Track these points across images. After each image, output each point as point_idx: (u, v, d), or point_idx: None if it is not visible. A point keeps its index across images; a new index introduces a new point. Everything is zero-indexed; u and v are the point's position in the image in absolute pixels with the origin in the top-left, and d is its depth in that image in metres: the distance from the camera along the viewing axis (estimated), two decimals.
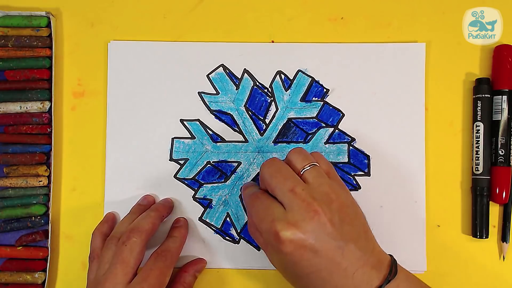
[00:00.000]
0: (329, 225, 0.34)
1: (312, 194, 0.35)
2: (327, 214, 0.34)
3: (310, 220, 0.34)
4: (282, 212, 0.35)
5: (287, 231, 0.34)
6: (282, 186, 0.36)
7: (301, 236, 0.34)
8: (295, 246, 0.34)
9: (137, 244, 0.39)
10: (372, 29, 0.46)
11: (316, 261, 0.34)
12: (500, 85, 0.44)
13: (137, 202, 0.45)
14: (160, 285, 0.38)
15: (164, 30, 0.46)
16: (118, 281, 0.37)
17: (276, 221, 0.34)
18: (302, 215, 0.34)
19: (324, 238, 0.34)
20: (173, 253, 0.41)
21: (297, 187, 0.35)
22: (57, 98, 0.46)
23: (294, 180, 0.36)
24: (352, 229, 0.35)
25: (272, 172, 0.37)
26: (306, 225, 0.34)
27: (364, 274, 0.34)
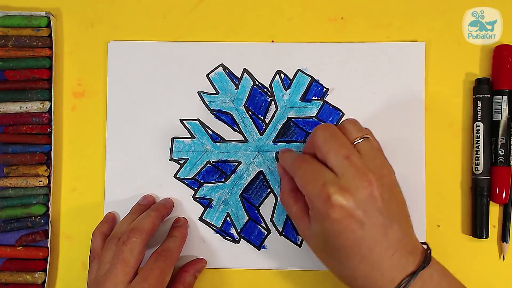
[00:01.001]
0: (380, 199, 0.33)
1: (367, 165, 0.34)
2: (379, 188, 0.33)
3: (364, 190, 0.33)
4: (335, 177, 0.34)
5: (339, 195, 0.33)
6: (337, 152, 0.34)
7: (352, 204, 0.33)
8: (344, 214, 0.33)
9: (138, 244, 0.39)
10: (372, 29, 0.46)
11: (360, 234, 0.33)
12: (500, 85, 0.44)
13: (137, 202, 0.45)
14: (161, 285, 0.38)
15: (164, 30, 0.46)
16: (119, 281, 0.37)
17: (329, 184, 0.33)
18: (356, 183, 0.33)
19: (372, 212, 0.33)
20: (174, 253, 0.41)
21: (352, 155, 0.34)
22: (57, 98, 0.46)
23: (350, 148, 0.35)
24: (398, 210, 0.35)
25: (328, 137, 0.36)
26: (359, 194, 0.33)
27: (402, 257, 0.34)
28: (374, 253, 0.33)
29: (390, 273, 0.34)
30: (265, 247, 0.45)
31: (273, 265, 0.45)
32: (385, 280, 0.34)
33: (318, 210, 0.34)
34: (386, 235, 0.33)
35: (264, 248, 0.45)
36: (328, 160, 0.35)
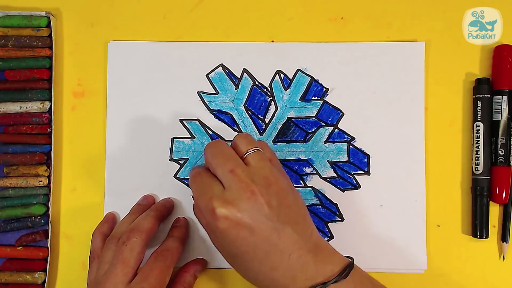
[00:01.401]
0: (266, 206, 0.35)
1: (251, 176, 0.36)
2: (265, 196, 0.35)
3: (247, 200, 0.35)
4: (221, 191, 0.36)
5: (222, 208, 0.34)
6: (223, 166, 0.36)
7: (236, 214, 0.34)
8: (230, 223, 0.34)
9: (137, 244, 0.39)
10: (372, 29, 0.46)
11: (252, 240, 0.35)
12: (500, 85, 0.44)
13: (137, 202, 0.45)
14: (161, 285, 0.38)
15: (164, 30, 0.46)
16: (118, 281, 0.37)
17: (214, 199, 0.35)
18: (240, 194, 0.35)
19: (260, 218, 0.35)
20: (173, 253, 0.41)
21: (237, 168, 0.36)
22: (57, 98, 0.46)
23: (235, 162, 0.37)
24: (290, 213, 0.36)
25: (215, 152, 0.38)
26: (243, 204, 0.34)
27: (300, 257, 0.35)
28: (271, 256, 0.35)
29: (290, 272, 0.35)
30: None
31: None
32: (286, 280, 0.35)
33: (207, 223, 0.36)
34: (280, 238, 0.35)
35: None
36: (217, 174, 0.37)
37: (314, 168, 0.45)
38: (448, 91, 0.45)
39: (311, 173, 0.45)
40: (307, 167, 0.45)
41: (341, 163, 0.45)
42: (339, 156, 0.45)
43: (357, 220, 0.44)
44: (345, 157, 0.45)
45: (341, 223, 0.44)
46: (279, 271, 0.35)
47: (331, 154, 0.45)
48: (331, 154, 0.45)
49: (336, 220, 0.45)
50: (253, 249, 0.35)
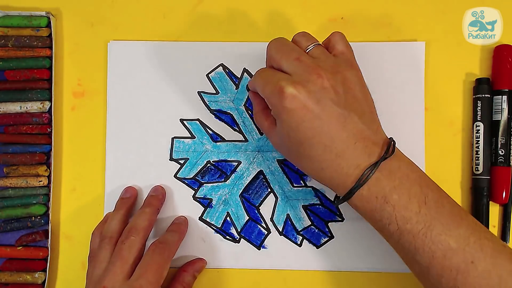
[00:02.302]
0: (332, 91, 0.35)
1: (317, 63, 0.36)
2: (331, 80, 0.35)
3: (314, 82, 0.35)
4: (288, 76, 0.36)
5: (290, 87, 0.34)
6: (288, 56, 0.36)
7: (304, 93, 0.34)
8: (297, 103, 0.34)
9: (136, 242, 0.39)
10: (372, 29, 0.46)
11: (318, 123, 0.35)
12: (500, 85, 0.44)
13: (120, 196, 0.45)
14: (158, 280, 0.38)
15: (164, 30, 0.46)
16: (117, 278, 0.37)
17: (282, 80, 0.35)
18: (306, 77, 0.35)
19: (326, 102, 0.35)
20: (171, 246, 0.41)
21: (302, 56, 0.36)
22: (57, 98, 0.46)
23: (300, 52, 0.37)
24: (356, 103, 0.36)
25: (279, 46, 0.38)
26: (310, 85, 0.35)
27: (366, 147, 0.35)
28: (336, 141, 0.35)
29: (355, 161, 0.35)
30: (265, 247, 0.45)
31: (273, 265, 0.45)
32: (350, 168, 0.35)
33: (275, 106, 0.36)
34: (345, 124, 0.35)
35: (264, 248, 0.45)
36: (281, 67, 0.37)
37: None
38: (448, 91, 0.45)
39: None
40: None
41: None
42: None
43: (357, 220, 0.44)
44: None
45: (341, 223, 0.45)
46: (344, 158, 0.35)
47: None
48: None
49: (336, 220, 0.45)
50: (318, 133, 0.35)
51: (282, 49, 0.37)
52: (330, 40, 0.40)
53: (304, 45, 0.38)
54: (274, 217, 0.45)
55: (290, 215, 0.45)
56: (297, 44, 0.39)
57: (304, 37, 0.39)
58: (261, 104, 0.41)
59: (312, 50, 0.38)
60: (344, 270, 0.44)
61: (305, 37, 0.39)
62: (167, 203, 0.45)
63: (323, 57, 0.37)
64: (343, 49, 0.39)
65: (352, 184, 0.35)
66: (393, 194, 0.34)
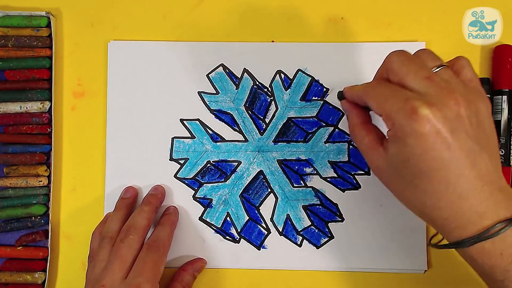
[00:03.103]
0: (467, 121, 0.31)
1: (451, 86, 0.31)
2: (467, 110, 0.31)
3: (450, 108, 0.30)
4: (418, 94, 0.31)
5: (426, 108, 0.30)
6: (416, 73, 0.32)
7: (440, 118, 0.30)
8: (431, 128, 0.29)
9: (135, 241, 0.39)
10: (372, 29, 0.46)
11: (447, 155, 0.30)
12: (500, 85, 0.44)
13: (120, 196, 0.45)
14: (155, 277, 0.38)
15: (164, 30, 0.46)
16: (115, 277, 0.37)
17: (413, 99, 0.30)
18: (443, 100, 0.30)
19: (460, 133, 0.30)
20: (165, 242, 0.41)
21: (434, 76, 0.32)
22: (57, 98, 0.46)
23: (429, 70, 0.32)
24: (486, 139, 0.32)
25: (404, 60, 0.33)
26: (447, 111, 0.30)
27: (492, 193, 0.31)
28: (462, 180, 0.30)
29: (480, 207, 0.31)
30: (265, 247, 0.45)
31: (273, 265, 0.45)
32: (473, 214, 0.31)
33: (400, 126, 0.31)
34: (475, 163, 0.30)
35: (264, 248, 0.45)
36: (406, 82, 0.32)
37: (314, 168, 0.45)
38: None
39: (311, 173, 0.45)
40: (308, 167, 0.45)
41: (342, 163, 0.45)
42: (339, 156, 0.45)
43: (357, 220, 0.44)
44: (345, 157, 0.45)
45: (341, 223, 0.45)
46: (468, 201, 0.31)
47: (331, 154, 0.45)
48: (331, 154, 0.45)
49: (336, 220, 0.45)
50: (445, 166, 0.30)
51: (409, 64, 0.32)
52: (455, 64, 0.34)
53: (430, 64, 0.33)
54: (274, 217, 0.45)
55: (290, 215, 0.45)
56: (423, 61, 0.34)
57: (430, 55, 0.34)
58: (362, 117, 0.37)
59: (440, 72, 0.33)
60: (344, 270, 0.44)
61: (432, 55, 0.34)
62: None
63: (453, 81, 0.32)
64: (472, 76, 0.34)
65: (473, 233, 0.31)
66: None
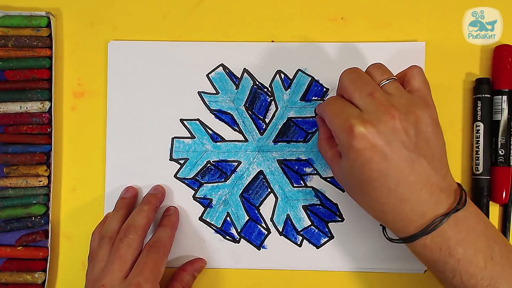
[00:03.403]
0: (403, 133, 0.34)
1: (390, 101, 0.35)
2: (403, 121, 0.34)
3: (386, 122, 0.34)
4: (359, 112, 0.35)
5: (361, 126, 0.33)
6: (361, 90, 0.35)
7: (374, 134, 0.33)
8: (366, 144, 0.33)
9: (134, 241, 0.39)
10: (372, 29, 0.46)
11: (384, 165, 0.34)
12: (500, 85, 0.44)
13: (120, 196, 0.45)
14: (155, 277, 0.38)
15: (164, 30, 0.46)
16: (115, 277, 0.37)
17: (352, 117, 0.34)
18: (379, 116, 0.34)
19: (396, 145, 0.34)
20: (166, 243, 0.41)
21: (376, 92, 0.35)
22: (57, 98, 0.46)
23: (374, 86, 0.36)
24: (427, 146, 0.35)
25: (353, 77, 0.37)
26: (381, 126, 0.33)
27: (433, 194, 0.34)
28: (401, 186, 0.34)
29: (420, 208, 0.34)
30: (265, 247, 0.45)
31: (273, 265, 0.45)
32: (414, 215, 0.34)
33: (343, 142, 0.35)
34: (413, 169, 0.34)
35: (264, 248, 0.45)
36: (353, 99, 0.36)
37: (314, 168, 0.45)
38: (448, 91, 0.45)
39: (311, 173, 0.45)
40: (308, 167, 0.45)
41: None
42: None
43: (357, 220, 0.44)
44: None
45: (341, 223, 0.45)
46: (408, 204, 0.34)
47: None
48: None
49: (336, 220, 0.45)
50: (384, 175, 0.34)
51: (356, 81, 0.36)
52: (406, 74, 0.38)
53: (378, 78, 0.37)
54: (274, 217, 0.45)
55: (290, 215, 0.45)
56: (372, 76, 0.37)
57: (379, 69, 0.38)
58: (327, 133, 0.40)
59: (387, 85, 0.36)
60: (344, 270, 0.44)
61: (380, 69, 0.38)
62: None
63: (397, 93, 0.36)
64: (419, 85, 0.37)
65: (415, 231, 0.34)
66: (458, 247, 0.33)
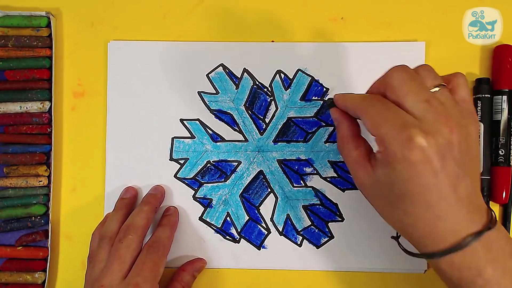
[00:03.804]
0: (457, 148, 0.32)
1: (448, 111, 0.32)
2: (458, 136, 0.32)
3: (444, 136, 0.31)
4: (415, 120, 0.32)
5: (422, 138, 0.31)
6: (416, 95, 0.32)
7: (433, 148, 0.31)
8: (423, 158, 0.31)
9: (134, 241, 0.39)
10: (372, 29, 0.46)
11: (433, 181, 0.31)
12: (500, 85, 0.44)
13: (119, 196, 0.45)
14: (155, 277, 0.38)
15: (164, 30, 0.46)
16: (114, 277, 0.37)
17: (411, 126, 0.31)
18: (438, 128, 0.31)
19: (448, 160, 0.31)
20: (165, 243, 0.41)
21: (433, 100, 0.32)
22: (57, 98, 0.46)
23: (429, 92, 0.33)
24: (472, 163, 0.33)
25: (406, 78, 0.33)
26: (441, 140, 0.31)
27: (469, 213, 0.32)
28: (442, 203, 0.32)
29: (455, 226, 0.32)
30: (265, 247, 0.45)
31: (273, 265, 0.45)
32: (448, 233, 0.32)
33: (393, 152, 0.32)
34: (457, 187, 0.32)
35: (264, 248, 0.45)
36: (405, 103, 0.33)
37: (314, 168, 0.45)
38: None
39: (311, 173, 0.45)
40: (308, 167, 0.45)
41: (341, 163, 0.45)
42: (339, 156, 0.45)
43: (357, 220, 0.44)
44: None
45: (341, 223, 0.44)
46: (444, 222, 0.32)
47: (331, 154, 0.45)
48: (331, 154, 0.45)
49: (336, 220, 0.45)
50: (429, 191, 0.31)
51: (410, 83, 0.33)
52: (451, 81, 0.35)
53: (429, 83, 0.34)
54: (274, 217, 0.45)
55: (290, 215, 0.45)
56: (422, 79, 0.34)
57: (430, 73, 0.35)
58: (352, 129, 0.37)
59: (439, 93, 0.33)
60: (344, 270, 0.44)
61: (432, 73, 0.35)
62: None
63: (450, 104, 0.33)
64: (466, 96, 0.35)
65: (445, 247, 0.32)
66: (488, 268, 0.32)
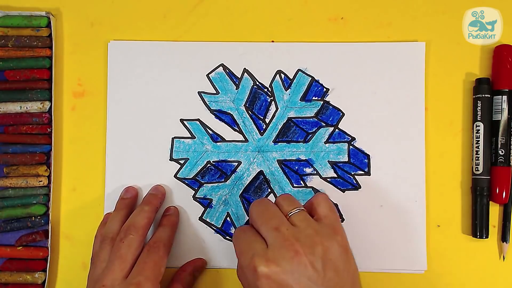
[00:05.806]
0: (310, 268, 0.33)
1: (296, 235, 0.35)
2: (308, 256, 0.34)
3: (290, 260, 0.33)
4: (263, 249, 0.35)
5: (264, 266, 0.33)
6: (267, 224, 0.36)
7: (278, 273, 0.33)
8: (271, 284, 0.33)
9: (135, 241, 0.39)
10: (372, 29, 0.46)
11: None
12: (500, 85, 0.44)
13: (120, 196, 0.45)
14: (156, 277, 0.38)
15: (164, 30, 0.46)
16: (116, 277, 0.37)
17: (256, 256, 0.34)
18: (283, 254, 0.34)
19: (303, 281, 0.33)
20: (166, 243, 0.41)
21: (282, 226, 0.35)
22: (57, 98, 0.46)
23: (280, 220, 0.36)
24: (337, 277, 0.34)
25: (260, 210, 0.37)
26: (285, 264, 0.33)
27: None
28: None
29: None
30: None
31: None
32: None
33: (249, 281, 0.35)
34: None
35: None
36: (261, 232, 0.36)
37: (314, 169, 0.45)
38: (448, 91, 0.45)
39: (311, 174, 0.45)
40: (308, 167, 0.45)
41: (342, 163, 0.45)
42: (339, 156, 0.45)
43: (357, 220, 0.44)
44: (345, 157, 0.45)
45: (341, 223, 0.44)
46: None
47: (331, 154, 0.45)
48: (331, 154, 0.45)
49: None
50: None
51: (263, 214, 0.37)
52: (313, 202, 0.38)
53: (286, 209, 0.37)
54: None
55: None
56: (280, 207, 0.37)
57: (286, 200, 0.38)
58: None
59: (294, 216, 0.36)
60: None
61: (288, 200, 0.38)
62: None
63: (303, 225, 0.36)
64: (326, 212, 0.37)
65: None
66: None
